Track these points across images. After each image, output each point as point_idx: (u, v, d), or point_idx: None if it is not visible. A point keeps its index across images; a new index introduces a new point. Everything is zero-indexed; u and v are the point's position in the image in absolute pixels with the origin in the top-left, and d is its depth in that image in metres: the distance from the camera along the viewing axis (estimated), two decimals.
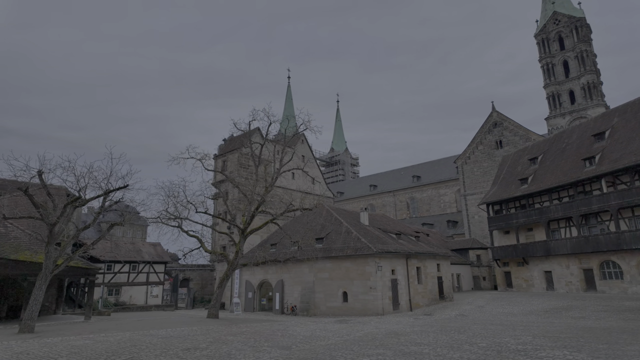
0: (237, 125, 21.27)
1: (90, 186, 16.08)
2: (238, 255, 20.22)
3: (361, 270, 24.49)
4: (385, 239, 27.50)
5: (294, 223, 32.02)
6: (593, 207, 30.29)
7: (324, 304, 25.72)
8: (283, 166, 22.19)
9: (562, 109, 55.70)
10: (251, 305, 30.47)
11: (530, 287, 35.63)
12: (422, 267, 28.43)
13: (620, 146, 30.19)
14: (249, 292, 30.90)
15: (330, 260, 25.94)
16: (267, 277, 29.92)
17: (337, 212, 29.69)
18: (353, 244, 25.35)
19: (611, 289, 29.20)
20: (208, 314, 20.29)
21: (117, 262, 32.44)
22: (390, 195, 72.47)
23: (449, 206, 63.89)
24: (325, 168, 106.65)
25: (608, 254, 29.49)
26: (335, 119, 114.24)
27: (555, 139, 39.25)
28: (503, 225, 38.30)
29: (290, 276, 28.12)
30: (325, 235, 27.69)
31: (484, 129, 54.49)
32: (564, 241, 32.40)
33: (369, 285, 23.94)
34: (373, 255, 24.05)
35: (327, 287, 25.80)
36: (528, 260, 35.92)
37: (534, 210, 35.36)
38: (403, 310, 25.17)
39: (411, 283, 26.72)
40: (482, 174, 53.38)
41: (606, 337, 12.42)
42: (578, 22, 56.52)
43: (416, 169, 72.31)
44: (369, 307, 23.65)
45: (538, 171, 37.17)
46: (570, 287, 32.18)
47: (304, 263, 27.34)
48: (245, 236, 20.60)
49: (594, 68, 55.28)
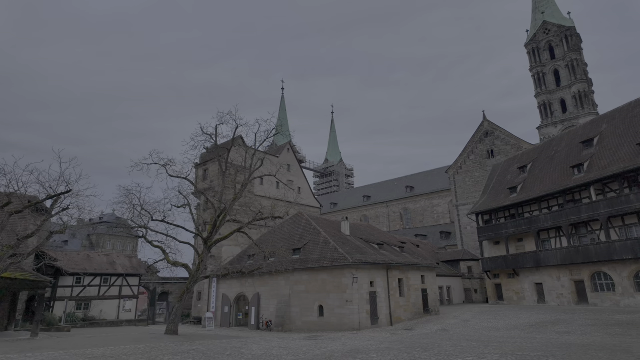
0: (204, 129, 20.46)
1: (42, 192, 15.10)
2: (200, 268, 19.11)
3: (337, 283, 23.30)
4: (365, 250, 26.35)
5: (273, 233, 30.91)
6: (582, 216, 29.21)
7: (299, 318, 24.44)
8: (252, 173, 21.26)
9: (554, 118, 55.08)
10: (227, 320, 29.12)
11: (522, 300, 34.24)
12: (405, 279, 27.19)
13: (609, 153, 29.29)
14: (225, 306, 29.58)
15: (307, 272, 24.77)
16: (243, 291, 28.67)
17: (316, 222, 28.59)
18: (330, 255, 24.20)
19: (603, 301, 27.88)
20: (166, 330, 19.02)
21: (87, 275, 31.13)
22: (383, 206, 71.36)
23: (442, 217, 62.70)
24: (320, 179, 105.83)
25: (599, 265, 28.27)
26: (330, 130, 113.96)
27: (545, 147, 38.39)
28: (493, 236, 37.12)
29: (267, 289, 26.89)
30: (302, 245, 26.56)
31: (475, 138, 53.79)
32: (554, 252, 31.20)
33: (345, 298, 22.72)
34: (349, 266, 22.89)
35: (303, 301, 24.56)
36: (518, 272, 34.63)
37: (523, 220, 34.25)
38: (383, 324, 23.87)
39: (392, 296, 25.45)
40: (474, 184, 52.42)
41: (580, 355, 11.26)
42: (568, 32, 56.38)
43: (410, 179, 71.35)
44: (345, 321, 22.38)
45: (527, 180, 36.19)
46: (562, 300, 30.82)
47: (281, 275, 26.17)
48: (209, 247, 19.52)
49: (585, 77, 54.89)
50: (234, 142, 21.51)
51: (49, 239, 15.75)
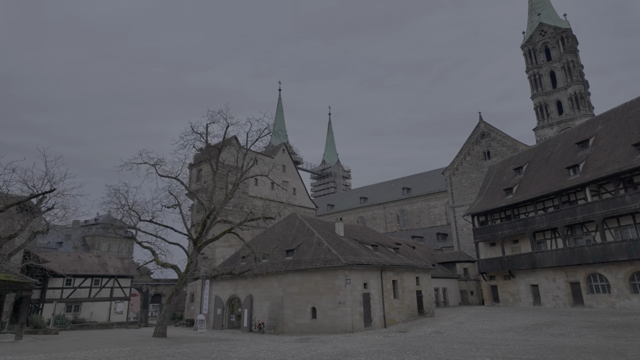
0: (194, 128, 20.16)
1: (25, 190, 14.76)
2: (190, 269, 18.78)
3: (330, 284, 22.99)
4: (359, 251, 26.07)
5: (266, 234, 30.58)
6: (578, 217, 29.04)
7: (292, 320, 24.10)
8: (243, 173, 20.93)
9: (550, 119, 55.02)
10: (220, 322, 28.73)
11: (517, 302, 34.01)
12: (399, 281, 26.91)
13: (604, 154, 29.16)
14: (218, 308, 29.20)
15: (300, 274, 24.45)
16: (236, 293, 28.30)
17: (310, 223, 28.29)
18: (323, 256, 23.89)
19: (599, 303, 27.68)
20: (154, 332, 18.68)
21: (77, 276, 30.70)
22: (380, 208, 71.14)
23: (439, 218, 62.51)
24: (317, 180, 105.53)
25: (594, 267, 28.09)
26: (327, 131, 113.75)
27: (541, 148, 38.27)
28: (488, 237, 36.92)
29: (260, 291, 26.55)
30: (296, 247, 26.25)
31: (471, 139, 53.62)
32: (550, 253, 31.01)
33: (338, 300, 22.41)
34: (342, 267, 22.59)
35: (295, 303, 24.23)
36: (514, 274, 34.42)
37: (519, 221, 34.06)
38: (376, 327, 23.57)
39: (386, 297, 25.17)
40: (470, 185, 52.23)
41: (573, 358, 11.02)
42: (564, 33, 56.40)
43: (406, 181, 71.15)
44: (337, 323, 22.06)
45: (523, 181, 36.04)
46: (558, 302, 30.63)
47: (274, 277, 25.83)
48: (199, 248, 19.21)
49: (581, 78, 54.87)
50: (227, 142, 21.19)
51: (31, 239, 15.41)
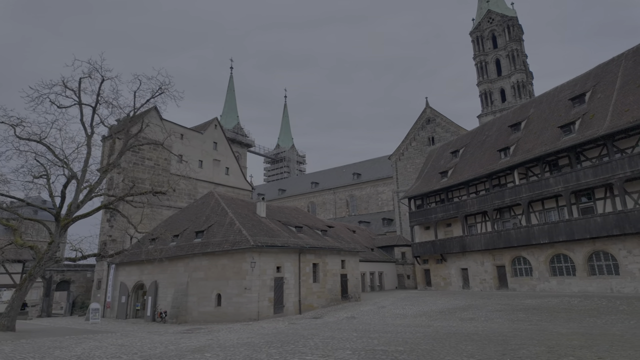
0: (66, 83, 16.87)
1: None
2: (51, 249, 15.79)
3: (237, 268, 20.77)
4: (278, 232, 23.99)
5: (182, 214, 27.77)
6: (506, 200, 28.68)
7: (196, 308, 21.71)
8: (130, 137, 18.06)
9: (494, 106, 55.55)
10: (124, 311, 25.78)
11: (448, 286, 33.70)
12: (321, 264, 25.21)
13: (534, 136, 28.84)
14: (122, 295, 26.20)
15: (207, 257, 22.01)
16: (142, 279, 25.43)
17: (227, 202, 25.75)
18: (232, 237, 21.56)
19: (521, 286, 27.60)
20: None
21: None
22: (330, 193, 69.83)
23: (386, 204, 62.10)
24: (270, 165, 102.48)
25: (519, 250, 27.91)
26: (282, 115, 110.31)
27: (477, 132, 37.90)
28: (423, 221, 36.26)
29: (165, 277, 23.86)
30: (206, 228, 23.70)
31: (417, 125, 53.01)
32: (479, 237, 30.65)
33: (244, 285, 20.26)
34: (251, 249, 20.41)
35: (201, 289, 21.82)
36: (446, 257, 34.00)
37: (452, 205, 33.50)
38: (289, 313, 21.73)
39: (304, 282, 23.37)
40: (415, 170, 51.70)
41: (449, 348, 9.52)
42: (510, 22, 56.77)
43: (357, 166, 70.17)
44: (242, 311, 19.96)
45: (459, 164, 35.48)
46: (484, 285, 30.44)
47: (180, 261, 23.26)
48: (65, 225, 16.21)
49: (524, 67, 55.67)
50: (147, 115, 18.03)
51: None
